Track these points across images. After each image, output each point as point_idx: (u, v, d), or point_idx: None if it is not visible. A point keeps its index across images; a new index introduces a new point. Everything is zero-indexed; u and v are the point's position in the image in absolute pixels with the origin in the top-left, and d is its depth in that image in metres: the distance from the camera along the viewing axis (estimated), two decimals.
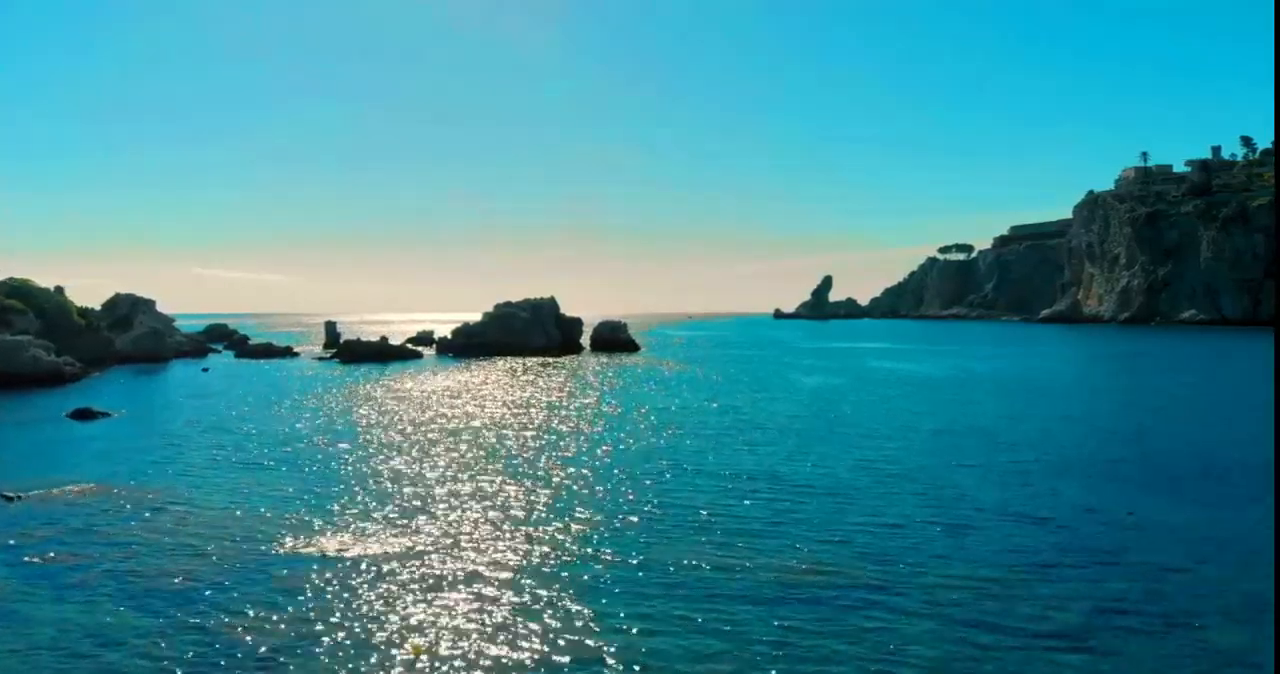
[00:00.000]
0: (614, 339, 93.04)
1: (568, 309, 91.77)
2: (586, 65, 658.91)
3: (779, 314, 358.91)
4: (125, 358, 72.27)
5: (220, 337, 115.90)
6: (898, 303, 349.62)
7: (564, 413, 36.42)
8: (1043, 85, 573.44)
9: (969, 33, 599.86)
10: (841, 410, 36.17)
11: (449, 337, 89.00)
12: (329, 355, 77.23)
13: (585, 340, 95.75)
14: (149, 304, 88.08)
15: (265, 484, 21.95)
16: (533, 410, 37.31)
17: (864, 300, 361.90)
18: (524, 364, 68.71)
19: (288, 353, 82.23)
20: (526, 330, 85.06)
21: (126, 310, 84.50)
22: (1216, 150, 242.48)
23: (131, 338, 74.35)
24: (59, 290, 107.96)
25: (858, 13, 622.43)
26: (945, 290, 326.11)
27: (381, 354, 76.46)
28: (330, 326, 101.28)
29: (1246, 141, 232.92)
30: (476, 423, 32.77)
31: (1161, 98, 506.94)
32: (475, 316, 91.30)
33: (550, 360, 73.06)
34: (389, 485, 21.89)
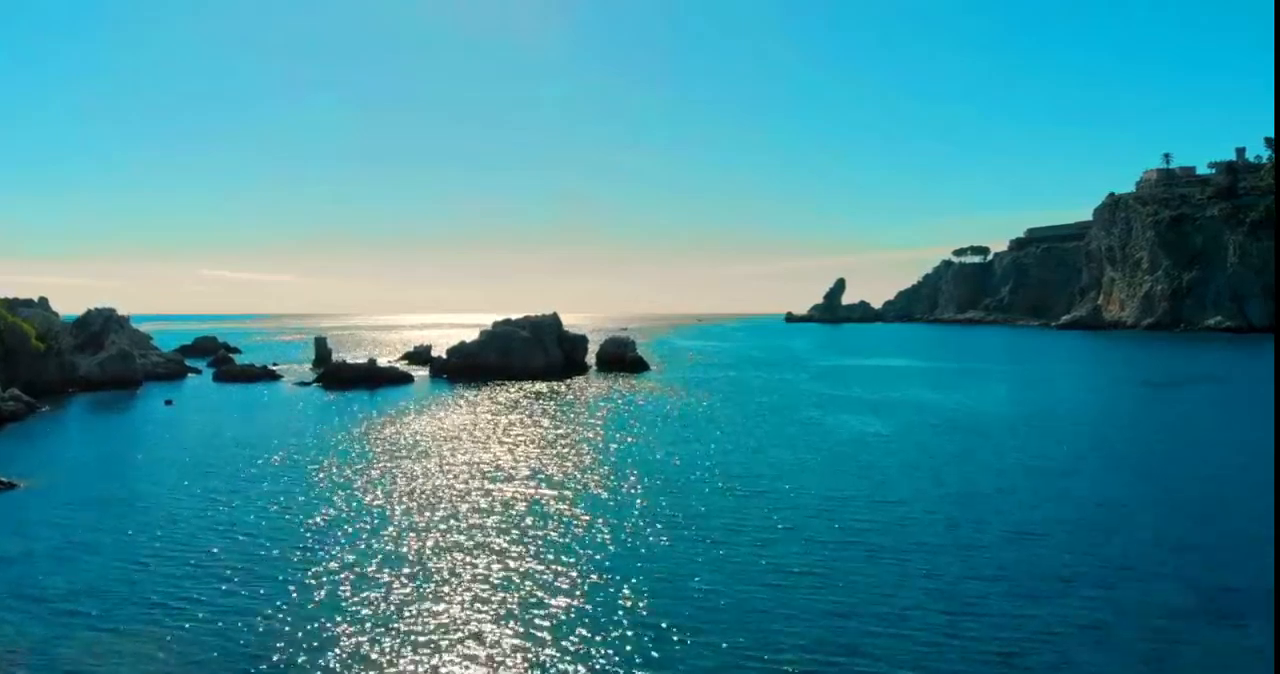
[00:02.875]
0: (621, 358, 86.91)
1: (573, 309, 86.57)
2: (591, 66, 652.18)
3: (791, 318, 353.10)
4: (91, 384, 66.44)
5: (206, 350, 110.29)
6: (911, 306, 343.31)
7: (540, 491, 30.36)
8: (1055, 84, 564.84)
9: (979, 30, 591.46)
10: (910, 499, 28.87)
11: (444, 356, 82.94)
12: (313, 380, 71.19)
13: (591, 358, 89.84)
14: (122, 321, 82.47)
15: (157, 643, 15.84)
16: (504, 485, 31.29)
17: (877, 303, 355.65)
18: (520, 393, 62.62)
19: (269, 375, 76.22)
20: (526, 350, 79.00)
21: (98, 327, 78.82)
22: (1241, 152, 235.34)
23: (97, 362, 68.47)
24: (43, 301, 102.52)
25: (866, 9, 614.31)
26: (960, 294, 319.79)
27: (369, 378, 70.46)
28: (321, 342, 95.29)
29: (1271, 143, 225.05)
30: (436, 524, 26.77)
31: (1180, 98, 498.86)
32: (479, 318, 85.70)
33: (550, 387, 66.94)
34: (310, 637, 15.81)
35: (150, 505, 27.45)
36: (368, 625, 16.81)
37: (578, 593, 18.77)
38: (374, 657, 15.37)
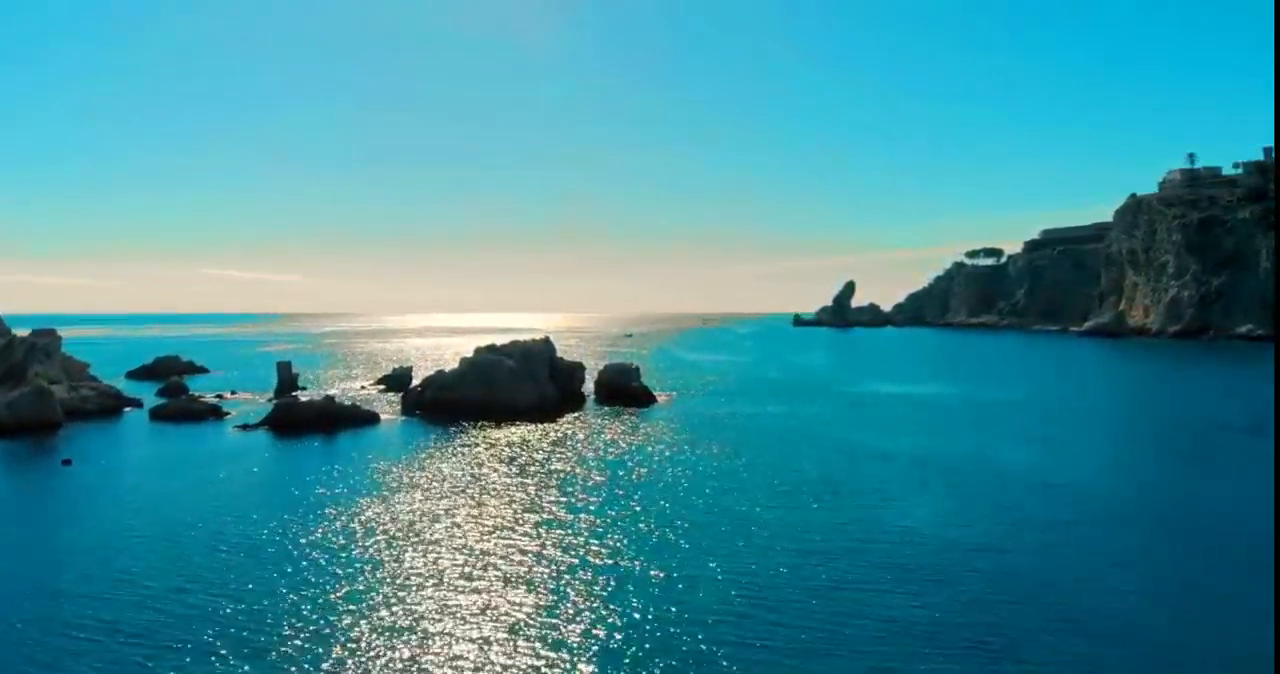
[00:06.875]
0: (623, 388, 76.59)
1: (574, 310, 77.99)
2: (591, 66, 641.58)
3: (799, 321, 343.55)
4: (1, 429, 56.29)
5: (166, 372, 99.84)
6: (922, 309, 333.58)
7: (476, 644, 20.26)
8: (1060, 83, 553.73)
9: (981, 29, 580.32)
10: None
11: (420, 388, 72.77)
12: (261, 421, 60.83)
13: (590, 385, 79.77)
14: (52, 347, 72.38)
15: None
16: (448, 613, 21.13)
17: (882, 303, 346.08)
18: (498, 446, 52.38)
19: (214, 413, 65.89)
20: (513, 383, 68.72)
21: (21, 357, 68.68)
22: (1269, 151, 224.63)
23: (6, 402, 58.27)
24: None
25: (866, 9, 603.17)
26: (972, 297, 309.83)
27: (326, 419, 60.17)
28: (285, 368, 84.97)
29: None
30: None
31: (1189, 97, 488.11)
32: (480, 318, 75.84)
33: (537, 433, 56.70)
34: None
35: None
36: None
37: None
38: None
